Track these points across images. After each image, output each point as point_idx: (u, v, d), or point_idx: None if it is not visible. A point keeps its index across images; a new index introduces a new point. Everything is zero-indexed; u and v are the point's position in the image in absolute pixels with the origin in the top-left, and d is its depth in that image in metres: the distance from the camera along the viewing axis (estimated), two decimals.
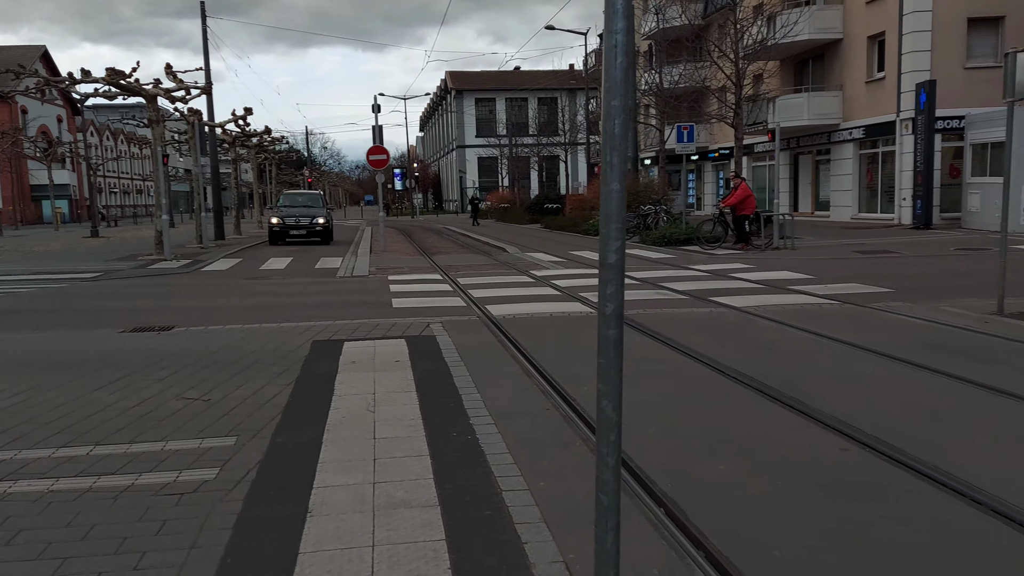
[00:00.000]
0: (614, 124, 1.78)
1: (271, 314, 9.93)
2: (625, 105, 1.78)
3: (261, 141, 34.51)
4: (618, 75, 1.77)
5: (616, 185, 1.80)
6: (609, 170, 1.81)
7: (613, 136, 1.79)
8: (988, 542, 3.27)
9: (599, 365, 1.92)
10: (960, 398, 5.36)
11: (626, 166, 1.84)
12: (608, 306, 1.86)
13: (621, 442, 2.00)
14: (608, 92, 1.78)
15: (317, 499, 3.79)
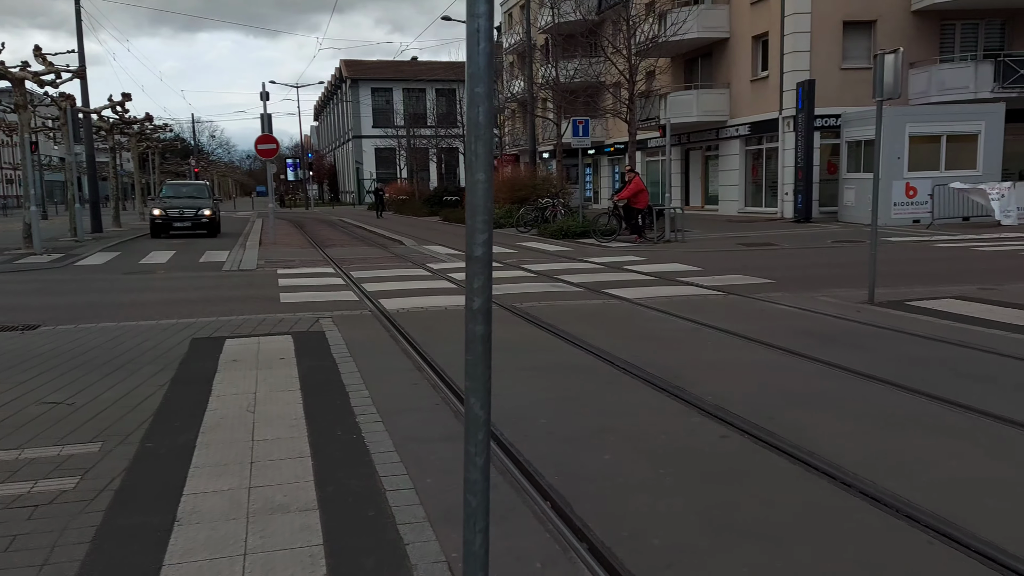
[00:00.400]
0: (478, 112, 1.72)
1: (149, 311, 9.42)
2: (489, 92, 1.72)
3: (142, 129, 32.76)
4: (481, 61, 1.70)
5: (482, 175, 1.74)
6: (474, 159, 1.74)
7: (477, 124, 1.73)
8: (853, 522, 3.41)
9: (466, 362, 1.86)
10: (831, 383, 5.62)
11: (492, 156, 1.78)
12: (475, 301, 1.80)
13: (490, 441, 1.94)
14: (471, 79, 1.71)
15: (187, 507, 3.58)
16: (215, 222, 23.78)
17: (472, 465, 1.87)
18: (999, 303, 8.69)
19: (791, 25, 23.75)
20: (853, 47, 23.82)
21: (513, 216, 23.92)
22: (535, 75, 29.86)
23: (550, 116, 30.66)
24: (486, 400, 1.85)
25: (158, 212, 23.31)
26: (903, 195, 21.05)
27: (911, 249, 15.38)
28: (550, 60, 29.72)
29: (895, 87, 8.79)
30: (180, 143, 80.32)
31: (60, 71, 18.89)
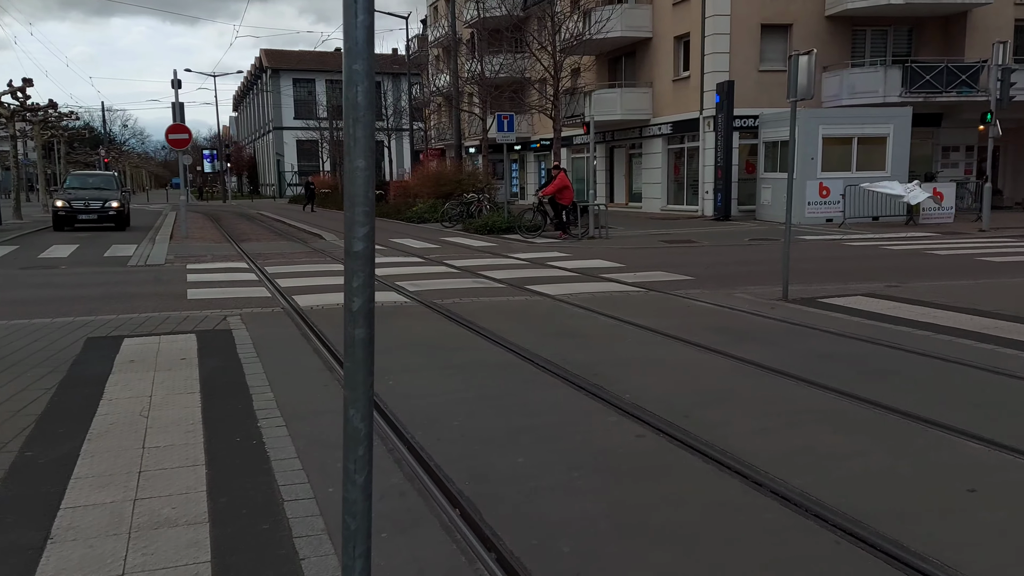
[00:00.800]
0: (356, 91, 1.55)
1: (45, 308, 8.85)
2: (369, 70, 1.56)
3: (46, 116, 31.06)
4: (359, 35, 1.54)
5: (361, 162, 1.57)
6: (353, 144, 1.58)
7: (356, 105, 1.56)
8: (763, 522, 3.38)
9: (345, 369, 1.69)
10: (745, 380, 5.65)
11: (373, 140, 1.62)
12: (355, 301, 1.63)
13: (372, 456, 1.78)
14: (348, 54, 1.55)
15: (63, 522, 3.29)
16: (123, 215, 22.73)
17: (351, 484, 1.70)
18: (905, 300, 8.98)
19: (711, 27, 24.20)
20: (770, 50, 24.44)
21: (438, 211, 23.67)
22: (460, 69, 29.62)
23: (476, 111, 30.49)
24: (367, 411, 1.69)
25: (61, 204, 22.14)
26: (817, 195, 21.72)
27: (824, 247, 15.85)
28: (475, 55, 29.53)
29: (808, 88, 8.97)
30: (89, 132, 76.75)
31: None
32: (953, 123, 25.25)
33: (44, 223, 24.48)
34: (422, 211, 25.08)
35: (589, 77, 30.11)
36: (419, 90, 42.93)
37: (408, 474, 3.93)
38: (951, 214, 21.14)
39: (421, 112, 42.56)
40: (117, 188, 24.15)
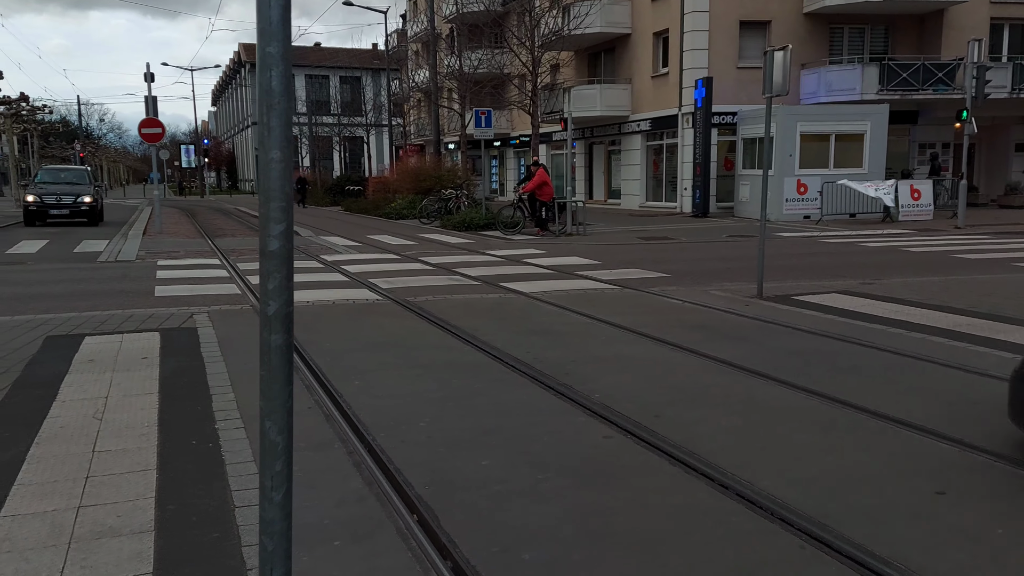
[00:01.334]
0: (270, 77, 1.43)
1: (4, 305, 8.63)
2: (285, 54, 1.44)
3: (18, 110, 30.51)
4: (274, 15, 1.42)
5: (277, 153, 1.45)
6: (267, 134, 1.46)
7: (270, 91, 1.44)
8: (729, 526, 3.30)
9: (261, 379, 1.57)
10: (716, 379, 5.57)
11: (290, 130, 1.50)
12: (271, 305, 1.51)
13: (291, 472, 1.67)
14: (262, 36, 1.42)
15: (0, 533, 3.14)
16: (96, 210, 22.35)
17: (268, 501, 1.58)
18: (879, 297, 8.96)
19: (690, 23, 24.17)
20: (749, 47, 24.45)
21: (416, 207, 23.49)
22: (440, 65, 29.42)
23: (455, 107, 30.29)
24: (285, 423, 1.57)
25: (32, 198, 21.74)
26: (794, 192, 21.77)
27: (800, 244, 15.87)
28: (455, 50, 29.34)
29: (784, 84, 8.92)
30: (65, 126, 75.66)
31: None
32: (929, 120, 25.42)
33: (15, 218, 24.03)
34: (400, 207, 24.89)
35: (568, 73, 30.03)
36: (398, 86, 42.65)
37: (368, 479, 3.81)
38: (930, 211, 21.26)
39: (401, 108, 42.29)
40: (90, 183, 23.75)
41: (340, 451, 4.20)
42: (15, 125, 34.12)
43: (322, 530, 3.27)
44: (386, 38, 39.18)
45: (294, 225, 1.54)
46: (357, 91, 54.14)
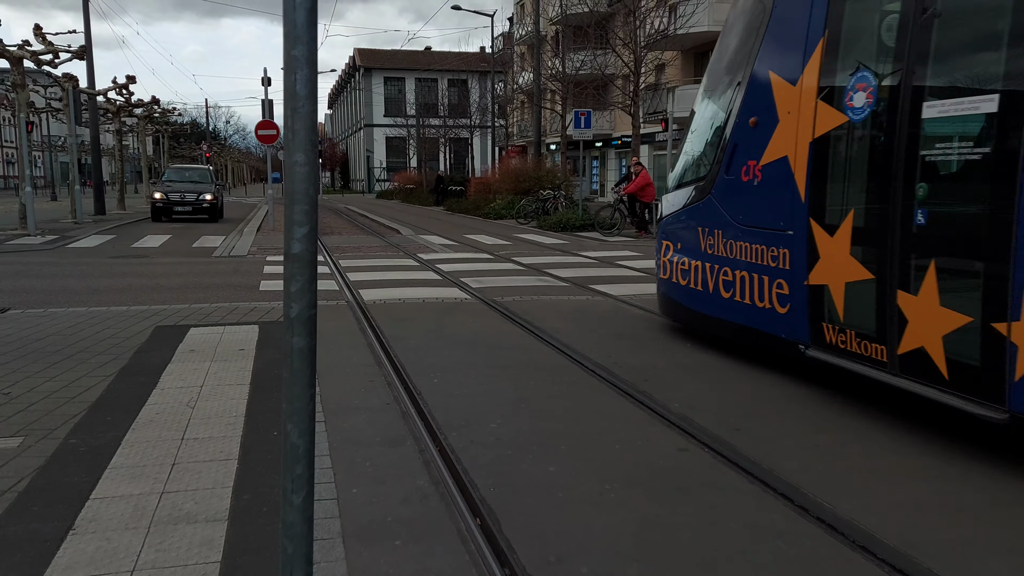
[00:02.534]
0: (295, 80, 1.45)
1: (124, 296, 9.22)
2: (310, 57, 1.45)
3: (150, 112, 32.65)
4: (299, 17, 1.43)
5: (300, 156, 1.47)
6: (291, 138, 1.47)
7: (295, 95, 1.46)
8: (803, 549, 3.13)
9: (284, 381, 1.59)
10: (797, 391, 5.31)
11: (315, 134, 1.51)
12: (294, 307, 1.53)
13: (313, 475, 1.68)
14: (288, 39, 1.44)
15: (88, 513, 3.34)
16: (216, 207, 23.64)
17: (288, 505, 1.60)
18: None
19: None
20: None
21: (514, 207, 23.63)
22: (543, 66, 29.49)
23: (557, 108, 30.29)
24: (307, 427, 1.58)
25: (159, 196, 23.20)
26: None
27: None
28: (559, 51, 29.34)
29: None
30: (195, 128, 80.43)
31: (59, 51, 18.72)
32: None
33: (144, 213, 25.72)
34: (499, 207, 25.11)
35: (673, 73, 29.49)
36: (503, 88, 43.04)
37: (435, 478, 3.84)
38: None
39: (504, 109, 42.64)
40: (211, 182, 25.14)
41: (412, 448, 4.26)
42: (148, 127, 36.50)
43: (384, 527, 3.32)
44: (492, 41, 39.63)
45: (400, 224, 1.55)
46: (464, 93, 55.00)
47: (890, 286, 4.47)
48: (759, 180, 5.71)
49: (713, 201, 6.29)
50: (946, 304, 4.13)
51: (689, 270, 6.66)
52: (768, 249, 5.59)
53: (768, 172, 5.59)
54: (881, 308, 4.57)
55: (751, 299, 5.81)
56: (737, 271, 5.97)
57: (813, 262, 5.12)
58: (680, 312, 7.03)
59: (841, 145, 5.01)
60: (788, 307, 5.43)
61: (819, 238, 5.06)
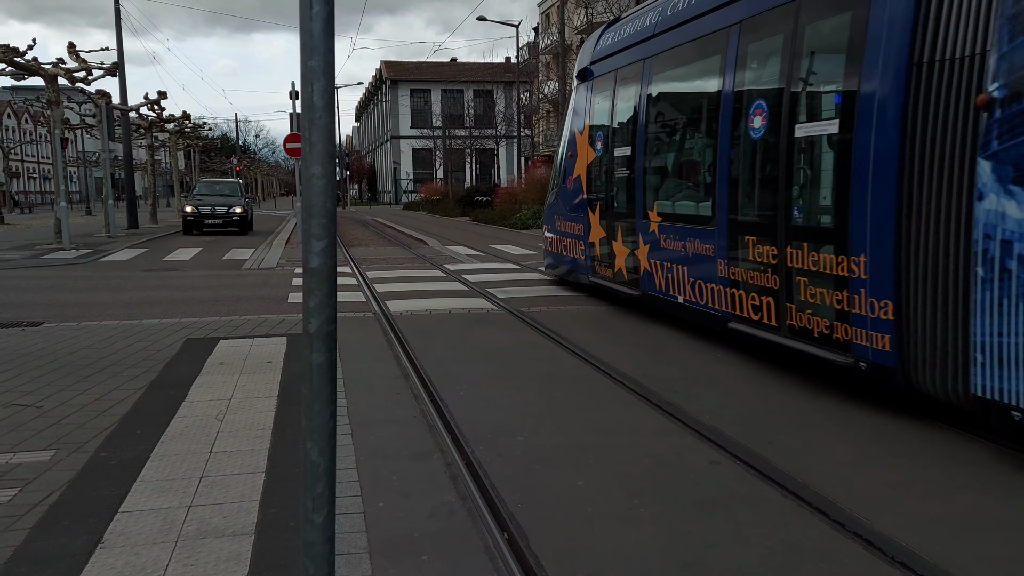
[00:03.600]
0: (311, 91, 1.43)
1: (155, 309, 9.33)
2: (327, 67, 1.42)
3: (181, 127, 33.18)
4: (315, 27, 1.41)
5: (318, 169, 1.44)
6: (308, 150, 1.45)
7: (312, 106, 1.44)
8: (840, 567, 3.04)
9: (303, 397, 1.56)
10: (839, 403, 5.20)
11: (333, 145, 1.49)
12: (312, 323, 1.51)
13: (334, 494, 1.65)
14: (304, 50, 1.42)
15: (117, 527, 3.35)
16: (246, 220, 23.91)
17: (309, 524, 1.57)
18: None
19: None
20: None
21: (540, 217, 23.59)
22: (570, 75, 29.47)
23: None
24: (327, 444, 1.56)
25: (190, 209, 23.54)
26: None
27: None
28: None
29: None
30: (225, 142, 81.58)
31: (92, 68, 19.10)
32: None
33: (176, 227, 26.09)
34: (525, 217, 25.09)
35: None
36: (528, 98, 43.11)
37: (462, 492, 3.80)
38: None
39: (530, 119, 42.70)
40: (241, 195, 25.45)
41: (439, 461, 4.23)
42: (179, 141, 37.09)
43: (411, 542, 3.29)
44: (517, 51, 39.75)
45: (426, 235, 1.53)
46: (489, 104, 55.16)
47: (611, 239, 8.86)
48: (572, 187, 10.14)
49: (558, 199, 10.77)
50: (626, 246, 8.45)
51: (553, 240, 11.10)
52: (576, 226, 9.96)
53: (575, 183, 10.01)
54: (608, 250, 8.96)
55: (572, 254, 10.23)
56: (567, 239, 10.36)
57: (588, 231, 9.55)
58: (550, 267, 11.53)
59: (594, 168, 9.43)
60: (584, 256, 9.76)
61: (591, 218, 9.45)
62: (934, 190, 4.40)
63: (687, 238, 7.05)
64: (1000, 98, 3.92)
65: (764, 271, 5.85)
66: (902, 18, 4.55)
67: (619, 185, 8.67)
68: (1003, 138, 3.91)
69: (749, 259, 6.06)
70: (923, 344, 4.54)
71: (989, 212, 3.99)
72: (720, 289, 6.53)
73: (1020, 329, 3.88)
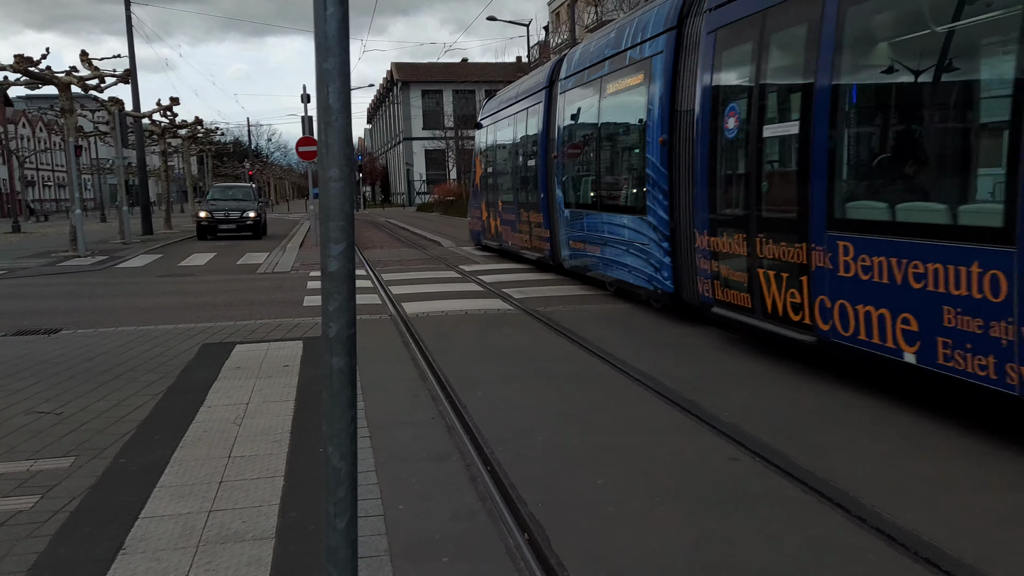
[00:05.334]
0: (327, 93, 1.41)
1: (171, 315, 9.37)
2: (343, 69, 1.41)
3: (193, 132, 33.38)
4: (331, 29, 1.39)
5: (335, 171, 1.43)
6: (325, 152, 1.43)
7: (328, 108, 1.42)
8: (866, 563, 3.00)
9: (324, 402, 1.55)
10: (859, 400, 5.14)
11: (351, 148, 1.47)
12: (332, 327, 1.49)
13: (356, 498, 1.63)
14: (319, 51, 1.40)
15: (138, 532, 3.36)
16: (260, 224, 23.99)
17: (332, 529, 1.55)
18: None
19: None
20: None
21: None
22: None
23: None
24: (348, 449, 1.54)
25: (204, 214, 23.65)
26: None
27: None
28: None
29: None
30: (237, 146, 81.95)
31: (104, 75, 19.23)
32: None
33: (190, 232, 26.23)
34: None
35: None
36: None
37: (482, 493, 3.78)
38: None
39: None
40: (255, 199, 25.53)
41: (458, 463, 4.21)
42: (192, 147, 37.30)
43: (433, 544, 3.27)
44: (528, 50, 39.68)
45: (441, 236, 1.51)
46: None
47: (493, 220, 15.38)
48: (480, 189, 16.69)
49: (474, 195, 17.54)
50: (506, 223, 14.49)
51: (474, 220, 17.57)
52: (478, 211, 16.76)
53: (479, 186, 16.78)
54: (492, 227, 15.52)
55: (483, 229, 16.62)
56: (480, 221, 16.77)
57: (485, 216, 16.14)
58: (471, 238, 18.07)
59: (488, 178, 16.06)
60: (494, 233, 15.42)
61: (484, 207, 16.23)
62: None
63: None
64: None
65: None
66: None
67: (500, 186, 15.52)
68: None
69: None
70: None
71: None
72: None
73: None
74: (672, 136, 7.65)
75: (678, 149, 7.56)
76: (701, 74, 6.91)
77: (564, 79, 11.17)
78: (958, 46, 4.40)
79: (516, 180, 13.82)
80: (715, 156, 6.68)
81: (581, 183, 10.53)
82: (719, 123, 6.59)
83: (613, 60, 9.17)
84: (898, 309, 4.54)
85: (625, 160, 9.27)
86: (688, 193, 7.30)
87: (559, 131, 11.28)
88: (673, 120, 7.64)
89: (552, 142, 11.56)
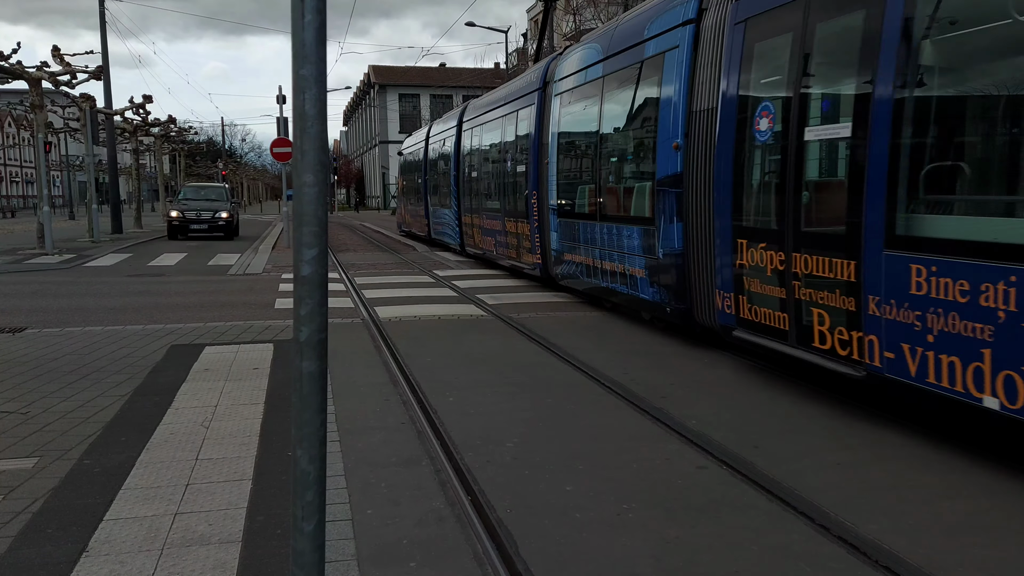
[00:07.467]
0: (303, 100, 1.43)
1: (140, 315, 9.25)
2: (319, 76, 1.42)
3: (166, 131, 33.00)
4: (308, 36, 1.41)
5: (309, 177, 1.44)
6: (300, 158, 1.45)
7: (304, 115, 1.43)
8: (828, 571, 3.05)
9: (292, 405, 1.55)
10: (821, 407, 5.23)
11: (325, 154, 1.48)
12: (303, 331, 1.50)
13: (324, 502, 1.64)
14: (296, 58, 1.42)
15: (102, 535, 3.32)
16: (232, 225, 23.77)
17: (299, 532, 1.56)
18: None
19: None
20: None
21: None
22: None
23: None
24: (317, 452, 1.55)
25: (175, 214, 23.38)
26: None
27: None
28: None
29: None
30: (211, 146, 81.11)
31: (76, 71, 18.96)
32: None
33: (160, 232, 25.90)
34: None
35: None
36: None
37: (451, 499, 3.79)
38: None
39: None
40: (227, 200, 25.29)
41: (428, 468, 4.21)
42: (165, 145, 36.88)
43: (399, 550, 3.27)
44: (506, 56, 39.80)
45: (415, 241, 1.52)
46: None
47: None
48: (428, 192, 19.64)
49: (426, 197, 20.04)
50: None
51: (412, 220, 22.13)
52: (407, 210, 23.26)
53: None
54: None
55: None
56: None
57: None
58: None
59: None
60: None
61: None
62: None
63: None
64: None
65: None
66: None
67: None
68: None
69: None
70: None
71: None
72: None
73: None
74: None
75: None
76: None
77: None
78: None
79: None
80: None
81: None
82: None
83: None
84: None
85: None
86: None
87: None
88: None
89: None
